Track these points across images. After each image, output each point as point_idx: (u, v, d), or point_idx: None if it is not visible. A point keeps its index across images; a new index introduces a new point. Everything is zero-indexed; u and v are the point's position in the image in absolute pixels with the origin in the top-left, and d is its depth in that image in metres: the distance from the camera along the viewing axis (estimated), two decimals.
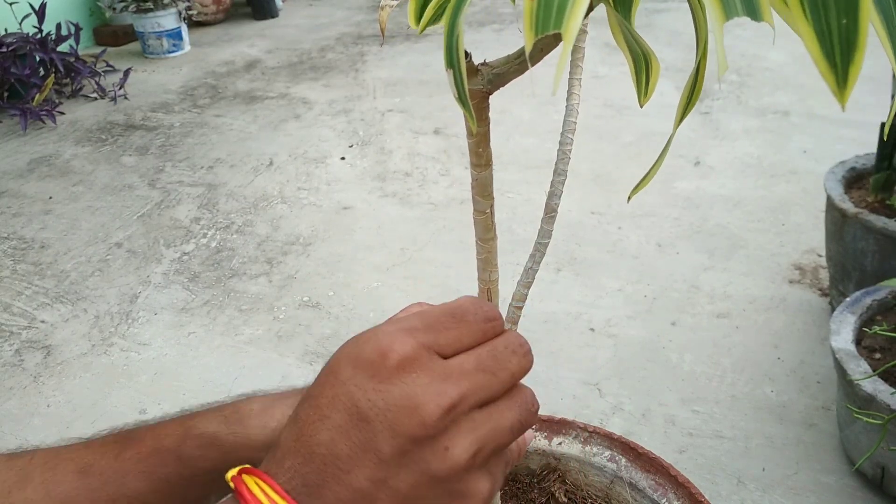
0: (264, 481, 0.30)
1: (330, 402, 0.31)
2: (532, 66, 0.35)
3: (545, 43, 0.36)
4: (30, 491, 0.42)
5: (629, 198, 0.45)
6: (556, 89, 0.26)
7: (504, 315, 0.44)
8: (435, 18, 0.36)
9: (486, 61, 0.39)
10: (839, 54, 0.28)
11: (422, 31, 0.36)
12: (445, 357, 0.32)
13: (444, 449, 0.30)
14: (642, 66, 0.40)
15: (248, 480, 0.30)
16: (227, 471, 0.42)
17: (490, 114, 0.41)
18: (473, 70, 0.38)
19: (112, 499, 0.42)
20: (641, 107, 0.41)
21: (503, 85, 0.39)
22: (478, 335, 0.34)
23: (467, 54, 0.36)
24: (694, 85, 0.36)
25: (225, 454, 0.43)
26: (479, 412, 0.32)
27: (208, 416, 0.45)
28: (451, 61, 0.30)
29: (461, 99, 0.30)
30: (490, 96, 0.40)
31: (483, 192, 0.43)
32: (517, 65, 0.38)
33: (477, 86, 0.39)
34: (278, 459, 0.32)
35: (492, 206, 0.43)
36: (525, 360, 0.34)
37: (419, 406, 0.30)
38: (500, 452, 0.33)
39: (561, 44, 0.27)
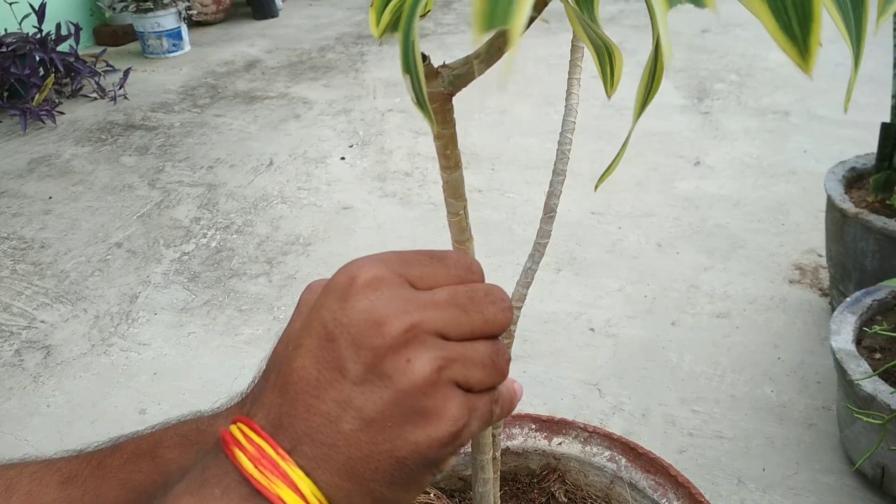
0: (244, 423, 0.30)
1: (304, 330, 0.31)
2: (490, 66, 0.35)
3: (502, 42, 0.36)
4: (13, 501, 0.41)
5: (596, 187, 0.45)
6: (505, 83, 0.26)
7: None
8: (393, 24, 0.35)
9: (446, 63, 0.39)
10: (797, 26, 0.28)
11: (380, 36, 0.35)
12: (418, 289, 0.32)
13: (406, 361, 0.29)
14: (605, 57, 0.40)
15: (233, 427, 0.31)
16: None
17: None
18: (434, 73, 0.38)
19: None
20: (609, 98, 0.41)
21: (465, 86, 0.39)
22: (453, 279, 0.33)
23: (425, 57, 0.35)
24: (651, 77, 0.36)
25: (198, 454, 0.42)
26: (447, 340, 0.31)
27: (186, 419, 0.45)
28: (408, 66, 0.30)
29: (419, 103, 0.30)
30: (453, 98, 0.40)
31: (455, 193, 0.43)
32: (477, 65, 0.38)
33: (438, 88, 0.39)
34: (256, 396, 0.32)
35: (465, 208, 0.43)
36: (503, 314, 0.32)
37: (382, 318, 0.29)
38: (479, 382, 0.31)
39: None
